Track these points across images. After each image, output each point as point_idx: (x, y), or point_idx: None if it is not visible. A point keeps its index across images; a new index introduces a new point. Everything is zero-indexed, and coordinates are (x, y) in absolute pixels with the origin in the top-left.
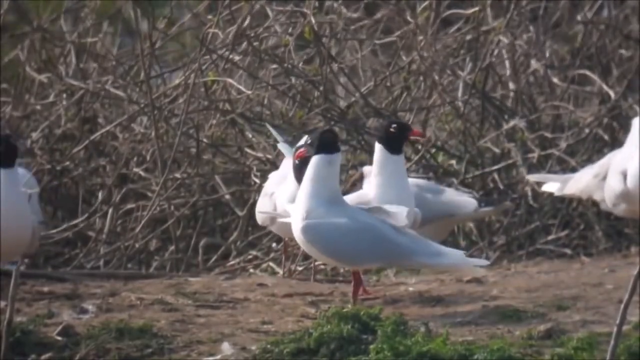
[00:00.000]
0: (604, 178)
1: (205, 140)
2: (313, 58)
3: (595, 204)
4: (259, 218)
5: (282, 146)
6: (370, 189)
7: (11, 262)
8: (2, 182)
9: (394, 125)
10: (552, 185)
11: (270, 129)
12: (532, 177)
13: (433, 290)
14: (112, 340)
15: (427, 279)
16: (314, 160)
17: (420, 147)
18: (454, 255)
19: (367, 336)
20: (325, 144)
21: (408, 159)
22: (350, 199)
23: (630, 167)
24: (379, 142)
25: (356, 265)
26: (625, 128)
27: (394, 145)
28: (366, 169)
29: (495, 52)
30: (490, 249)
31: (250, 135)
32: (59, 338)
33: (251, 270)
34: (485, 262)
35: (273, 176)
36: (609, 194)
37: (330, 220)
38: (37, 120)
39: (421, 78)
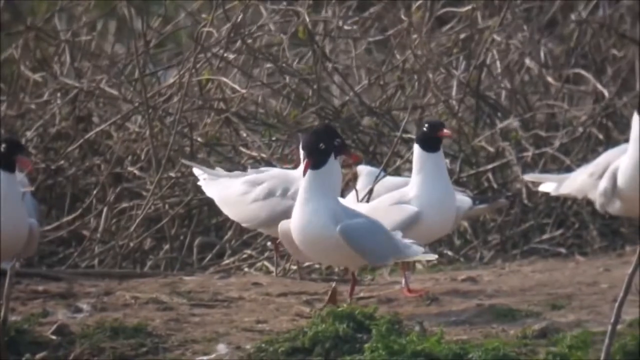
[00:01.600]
0: (599, 177)
1: (199, 139)
2: (307, 57)
3: (590, 203)
4: (260, 222)
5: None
6: (412, 188)
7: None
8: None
9: (427, 125)
10: (548, 185)
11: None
12: (528, 177)
13: (427, 289)
14: (106, 339)
15: (422, 278)
16: (335, 166)
17: None
18: (415, 247)
19: (361, 335)
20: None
21: (401, 157)
22: (390, 198)
23: (621, 164)
24: (416, 141)
25: (383, 262)
26: (620, 127)
27: (429, 143)
28: (359, 168)
29: (490, 51)
30: (485, 248)
31: (244, 134)
32: (54, 337)
33: (246, 269)
34: (433, 257)
35: (267, 178)
36: (601, 191)
37: (362, 220)
38: (31, 119)
39: (415, 77)
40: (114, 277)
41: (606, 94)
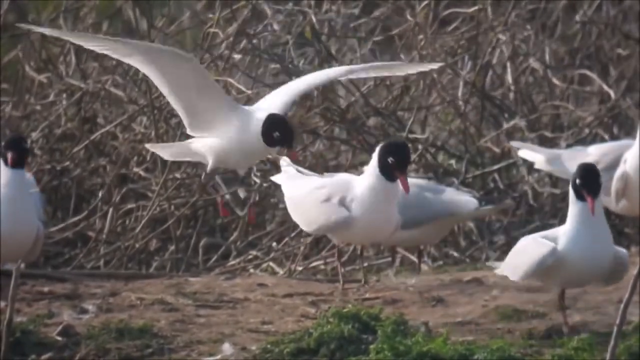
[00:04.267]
0: (605, 169)
1: None
2: (313, 57)
3: None
4: (317, 227)
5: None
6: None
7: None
8: (9, 182)
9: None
10: (534, 155)
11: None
12: (515, 144)
13: (433, 290)
14: (112, 340)
15: (427, 278)
16: None
17: (419, 146)
18: None
19: (367, 336)
20: None
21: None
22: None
23: (630, 152)
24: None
25: None
26: (625, 128)
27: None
28: (365, 169)
29: (495, 51)
30: (491, 248)
31: None
32: (59, 338)
33: (251, 270)
34: None
35: (329, 183)
36: (613, 191)
37: None
38: (36, 120)
39: (420, 77)
40: (119, 278)
41: (612, 94)
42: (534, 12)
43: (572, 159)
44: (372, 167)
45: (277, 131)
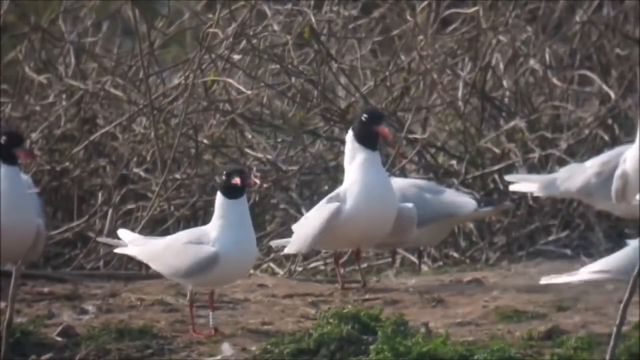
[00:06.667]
0: (607, 177)
1: (205, 141)
2: (313, 57)
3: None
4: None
5: None
6: (212, 229)
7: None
8: (4, 178)
9: (229, 172)
10: (529, 186)
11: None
12: (508, 178)
13: (433, 290)
14: (112, 340)
15: (427, 279)
16: None
17: (419, 146)
18: None
19: (367, 337)
20: None
21: (406, 158)
22: (188, 235)
23: (630, 152)
24: (220, 192)
25: None
26: (625, 128)
27: (230, 192)
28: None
29: (495, 52)
30: (491, 249)
31: (250, 136)
32: (59, 339)
33: (251, 271)
34: None
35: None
36: (613, 192)
37: None
38: (36, 120)
39: (421, 78)
40: (119, 279)
41: (612, 95)
42: (533, 12)
43: (570, 177)
44: (349, 155)
45: None
